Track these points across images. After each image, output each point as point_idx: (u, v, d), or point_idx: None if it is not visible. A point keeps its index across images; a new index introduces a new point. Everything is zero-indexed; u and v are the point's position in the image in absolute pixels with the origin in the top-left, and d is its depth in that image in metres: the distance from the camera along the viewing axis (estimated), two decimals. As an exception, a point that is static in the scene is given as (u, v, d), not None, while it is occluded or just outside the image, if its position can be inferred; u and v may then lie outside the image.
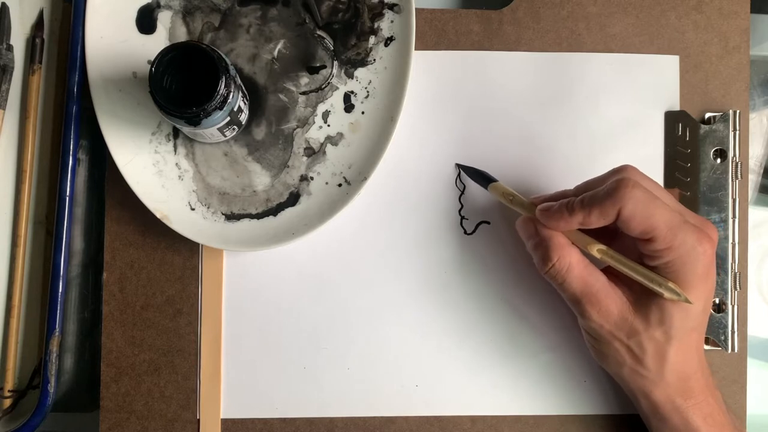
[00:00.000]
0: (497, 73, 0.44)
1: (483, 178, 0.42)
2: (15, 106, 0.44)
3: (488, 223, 0.43)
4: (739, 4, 0.44)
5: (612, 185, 0.35)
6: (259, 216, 0.42)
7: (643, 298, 0.37)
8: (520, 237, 0.41)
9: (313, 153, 0.42)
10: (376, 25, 0.42)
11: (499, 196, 0.41)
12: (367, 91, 0.42)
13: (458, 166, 0.43)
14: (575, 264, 0.37)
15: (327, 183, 0.42)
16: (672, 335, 0.36)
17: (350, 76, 0.42)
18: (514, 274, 0.43)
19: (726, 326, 0.42)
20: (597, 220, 0.36)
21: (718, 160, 0.43)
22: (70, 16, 0.42)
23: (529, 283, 0.43)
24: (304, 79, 0.42)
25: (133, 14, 0.42)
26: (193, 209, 0.42)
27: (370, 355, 0.43)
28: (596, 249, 0.37)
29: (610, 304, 0.37)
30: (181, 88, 0.37)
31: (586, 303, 0.37)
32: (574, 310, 0.38)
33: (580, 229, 0.38)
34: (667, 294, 0.36)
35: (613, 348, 0.38)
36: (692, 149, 0.43)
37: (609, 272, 0.39)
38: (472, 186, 0.43)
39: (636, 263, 0.37)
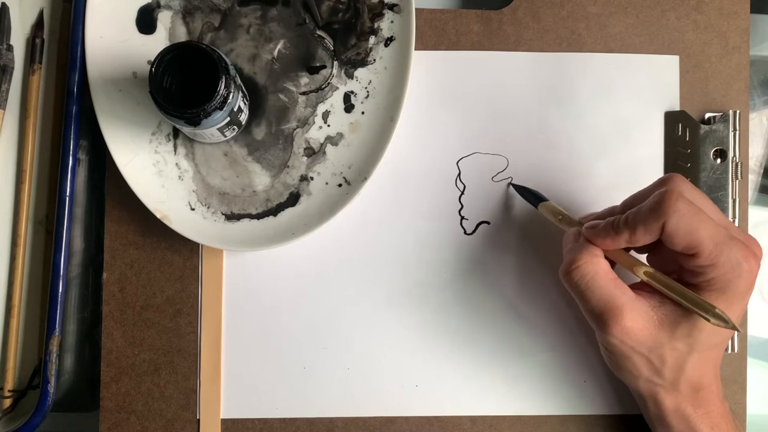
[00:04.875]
0: (497, 73, 0.44)
1: (534, 197, 0.42)
2: (15, 106, 0.44)
3: (488, 223, 0.43)
4: (739, 4, 0.44)
5: (655, 199, 0.34)
6: (259, 216, 0.42)
7: (672, 313, 0.35)
8: (520, 237, 0.41)
9: (313, 153, 0.42)
10: (376, 25, 0.42)
11: (549, 215, 0.40)
12: (367, 91, 0.42)
13: (511, 185, 0.43)
14: (602, 273, 0.35)
15: (327, 183, 0.42)
16: (695, 348, 0.35)
17: (350, 76, 0.42)
18: (515, 274, 0.43)
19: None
20: (643, 238, 0.34)
21: (718, 160, 0.43)
22: (70, 16, 0.42)
23: (530, 282, 0.43)
24: (304, 79, 0.42)
25: (133, 14, 0.42)
26: (193, 209, 0.42)
27: (370, 355, 0.43)
28: (643, 271, 0.36)
29: (635, 318, 0.35)
30: (181, 88, 0.37)
31: (609, 317, 0.35)
32: (594, 324, 0.36)
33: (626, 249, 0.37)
34: (714, 321, 0.33)
35: (632, 362, 0.36)
36: (692, 149, 0.43)
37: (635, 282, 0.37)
38: (472, 186, 0.43)
39: (683, 287, 0.35)
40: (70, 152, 0.42)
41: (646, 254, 0.39)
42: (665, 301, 0.36)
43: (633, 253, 0.39)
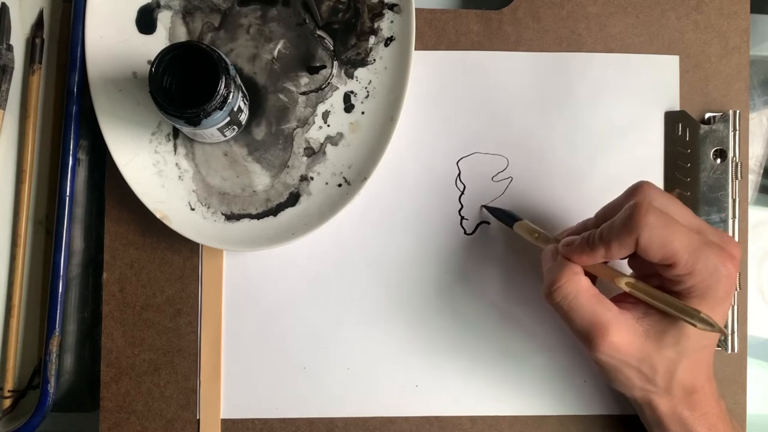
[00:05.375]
0: (497, 73, 0.44)
1: (508, 217, 0.42)
2: (15, 106, 0.44)
3: (488, 223, 0.43)
4: (739, 4, 0.44)
5: (626, 213, 0.34)
6: (259, 216, 0.42)
7: (658, 322, 0.35)
8: (519, 237, 0.41)
9: (313, 153, 0.42)
10: (376, 25, 0.42)
11: (524, 234, 0.40)
12: (367, 91, 0.42)
13: (483, 207, 0.43)
14: (583, 291, 0.35)
15: (327, 183, 0.42)
16: (684, 353, 0.35)
17: (350, 76, 0.42)
18: (514, 273, 0.43)
19: (726, 326, 0.42)
20: (619, 252, 0.34)
21: (718, 160, 0.43)
22: (70, 16, 0.42)
23: (529, 282, 0.43)
24: (304, 79, 0.42)
25: (133, 14, 0.42)
26: (193, 209, 0.42)
27: (370, 355, 0.43)
28: (624, 282, 0.35)
29: (621, 333, 0.35)
30: (181, 88, 0.37)
31: (595, 335, 0.35)
32: (582, 343, 0.36)
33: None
34: (700, 325, 0.33)
35: (624, 375, 0.36)
36: (692, 149, 0.43)
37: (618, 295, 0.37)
38: (472, 186, 0.43)
39: (667, 295, 0.35)
40: (70, 152, 0.42)
41: (626, 259, 0.39)
42: (649, 310, 0.36)
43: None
